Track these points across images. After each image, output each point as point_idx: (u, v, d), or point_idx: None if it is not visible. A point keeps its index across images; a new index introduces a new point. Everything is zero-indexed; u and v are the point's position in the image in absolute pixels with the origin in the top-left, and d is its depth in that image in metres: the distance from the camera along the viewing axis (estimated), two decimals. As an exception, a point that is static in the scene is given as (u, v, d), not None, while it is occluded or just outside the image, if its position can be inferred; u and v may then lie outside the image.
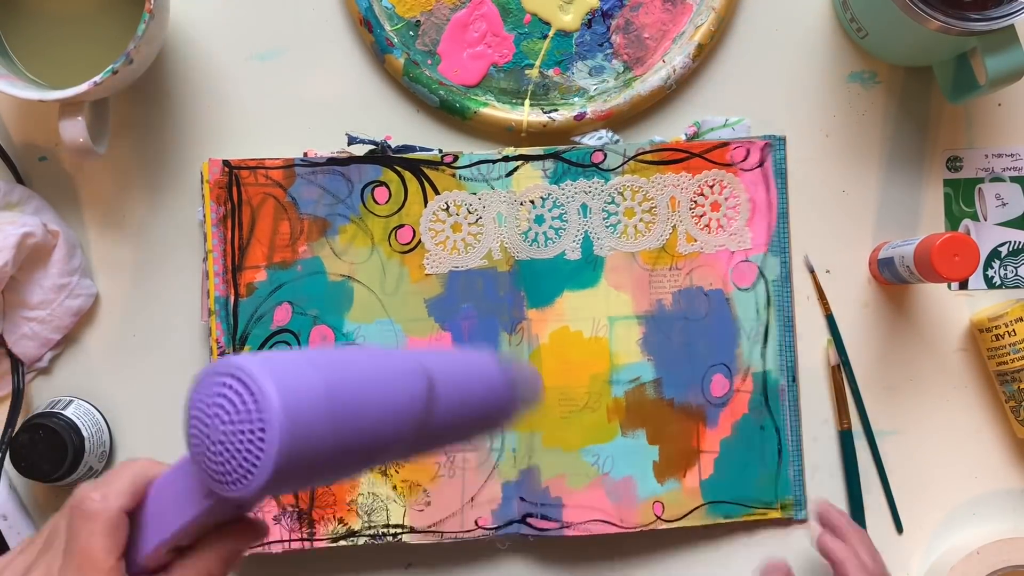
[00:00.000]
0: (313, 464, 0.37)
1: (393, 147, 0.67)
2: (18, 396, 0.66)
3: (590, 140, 0.67)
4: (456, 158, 0.67)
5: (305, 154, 0.67)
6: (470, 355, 0.47)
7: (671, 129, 0.69)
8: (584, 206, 0.67)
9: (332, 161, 0.66)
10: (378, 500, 0.66)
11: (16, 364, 0.66)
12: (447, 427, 0.43)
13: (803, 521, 0.68)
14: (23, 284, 0.65)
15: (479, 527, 0.66)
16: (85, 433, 0.64)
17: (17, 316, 0.66)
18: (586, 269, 0.67)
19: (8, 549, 0.66)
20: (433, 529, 0.66)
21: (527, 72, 0.68)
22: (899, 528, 0.69)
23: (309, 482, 0.39)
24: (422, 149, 0.67)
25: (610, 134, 0.68)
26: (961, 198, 0.70)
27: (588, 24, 0.68)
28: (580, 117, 0.68)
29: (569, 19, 0.68)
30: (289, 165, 0.66)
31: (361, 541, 0.66)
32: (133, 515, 0.41)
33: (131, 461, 0.43)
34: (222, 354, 0.66)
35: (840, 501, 0.69)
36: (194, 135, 0.69)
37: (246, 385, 0.36)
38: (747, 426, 0.67)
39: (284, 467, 0.35)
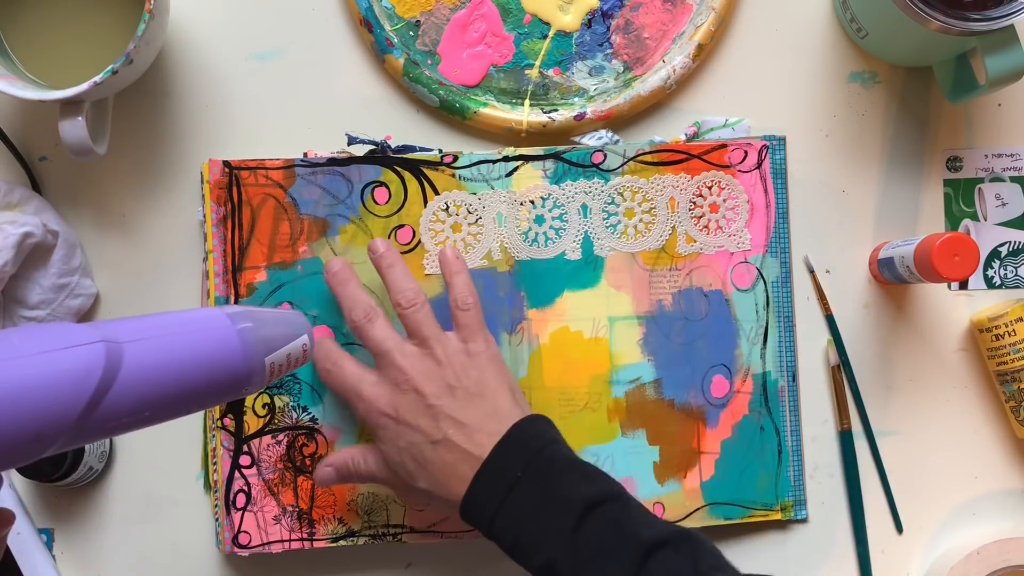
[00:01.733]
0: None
1: (393, 147, 0.67)
2: None
3: (590, 140, 0.67)
4: (456, 158, 0.67)
5: (305, 154, 0.67)
6: (197, 315, 0.44)
7: (671, 129, 0.69)
8: (584, 206, 0.67)
9: (332, 161, 0.66)
10: (378, 500, 0.66)
11: None
12: (138, 408, 0.40)
13: (803, 521, 0.68)
14: (22, 284, 0.65)
15: (479, 527, 0.66)
16: (85, 433, 0.64)
17: (16, 316, 0.66)
18: (586, 269, 0.67)
19: (8, 550, 0.66)
20: (433, 529, 0.66)
21: (527, 72, 0.68)
22: (899, 528, 0.69)
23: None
24: (422, 149, 0.67)
25: (610, 134, 0.68)
26: (961, 198, 0.70)
27: (588, 24, 0.68)
28: (580, 117, 0.68)
29: (569, 19, 0.68)
30: (289, 165, 0.66)
31: (361, 541, 0.66)
32: None
33: None
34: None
35: (840, 501, 0.69)
36: (194, 135, 0.69)
37: None
38: (747, 427, 0.67)
39: None
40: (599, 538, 0.53)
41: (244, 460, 0.66)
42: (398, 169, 0.67)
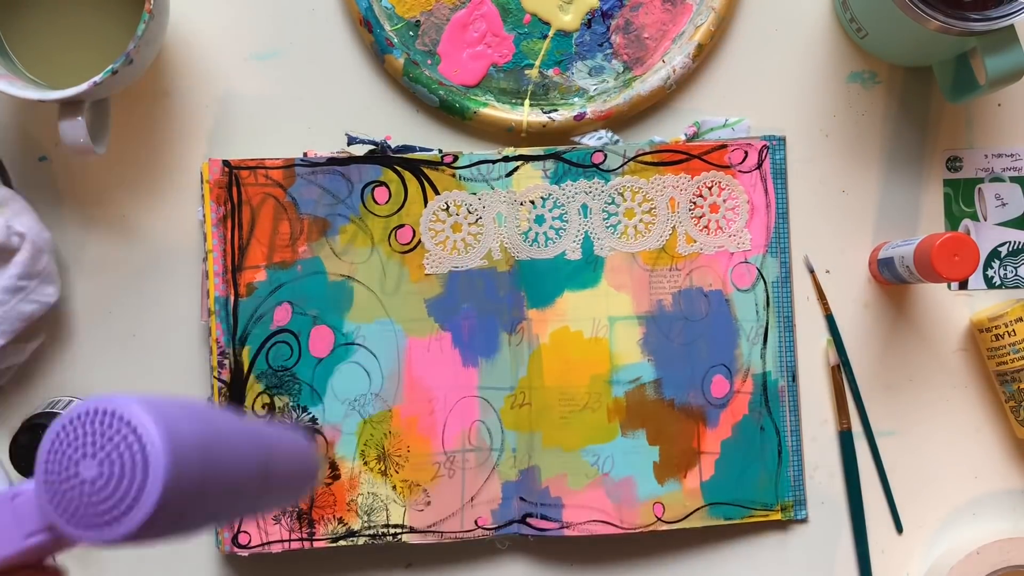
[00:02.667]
0: (176, 516, 0.36)
1: (393, 147, 0.67)
2: None
3: (590, 140, 0.68)
4: (456, 158, 0.67)
5: (305, 154, 0.67)
6: (287, 430, 0.50)
7: (671, 129, 0.69)
8: (584, 206, 0.67)
9: (332, 161, 0.66)
10: (378, 500, 0.66)
11: None
12: (274, 492, 0.44)
13: (803, 521, 0.68)
14: None
15: (479, 527, 0.66)
16: (85, 433, 0.64)
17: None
18: (586, 269, 0.67)
19: None
20: (433, 529, 0.66)
21: (527, 72, 0.68)
22: (899, 528, 0.69)
23: (164, 533, 0.38)
24: (422, 149, 0.67)
25: (610, 134, 0.68)
26: (961, 198, 0.70)
27: (588, 24, 0.68)
28: (580, 117, 0.68)
29: (569, 19, 0.68)
30: (289, 165, 0.66)
31: (361, 541, 0.66)
32: None
33: None
34: (222, 354, 0.66)
35: (840, 501, 0.69)
36: (194, 135, 0.69)
37: (134, 429, 0.35)
38: (747, 427, 0.67)
39: (155, 517, 0.35)
40: None
41: (244, 460, 0.66)
42: (398, 169, 0.67)
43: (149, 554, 0.68)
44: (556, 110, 0.68)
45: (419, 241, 0.67)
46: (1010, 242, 0.69)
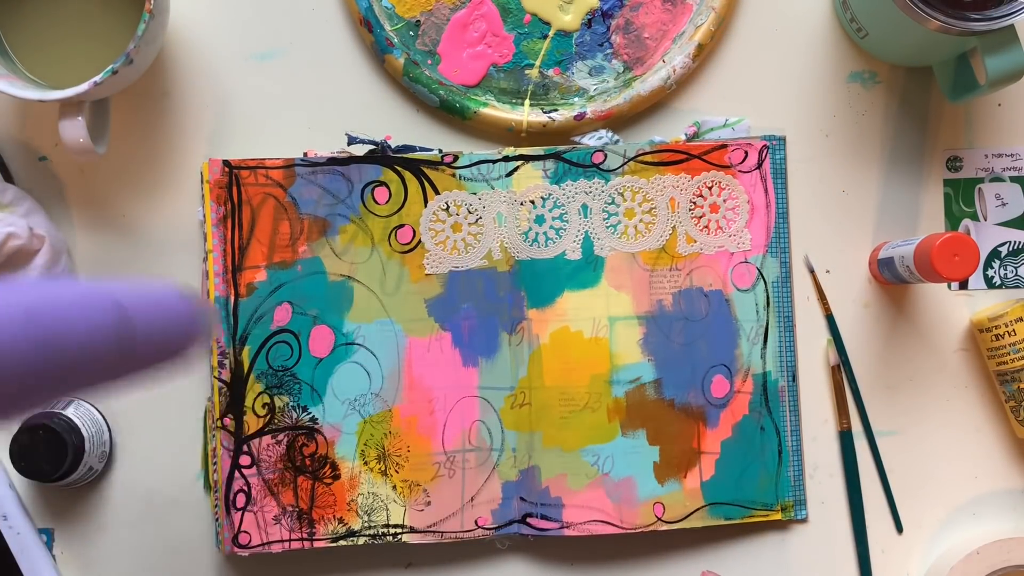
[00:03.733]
0: (12, 386, 0.37)
1: (393, 147, 0.67)
2: None
3: (590, 140, 0.68)
4: (456, 158, 0.67)
5: (305, 154, 0.67)
6: (157, 287, 0.49)
7: (671, 129, 0.69)
8: (584, 206, 0.67)
9: (332, 161, 0.66)
10: (378, 500, 0.66)
11: None
12: (142, 355, 0.45)
13: (803, 521, 0.68)
14: None
15: (479, 527, 0.66)
16: (85, 433, 0.64)
17: None
18: (586, 269, 0.67)
19: (8, 549, 0.66)
20: (433, 529, 0.66)
21: (527, 72, 0.68)
22: (899, 528, 0.69)
23: (15, 407, 0.39)
24: (422, 149, 0.67)
25: (610, 134, 0.68)
26: (961, 198, 0.70)
27: (588, 24, 0.68)
28: (580, 117, 0.68)
29: (569, 19, 0.68)
30: (289, 165, 0.66)
31: (361, 541, 0.66)
32: None
33: None
34: (222, 354, 0.66)
35: (840, 501, 0.69)
36: (194, 135, 0.69)
37: None
38: (748, 427, 0.67)
39: None
40: None
41: (244, 460, 0.66)
42: (398, 169, 0.67)
43: (149, 554, 0.68)
44: (556, 110, 0.68)
45: (419, 241, 0.67)
46: (1010, 242, 0.69)
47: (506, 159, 0.67)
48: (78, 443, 0.64)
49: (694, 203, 0.67)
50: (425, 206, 0.67)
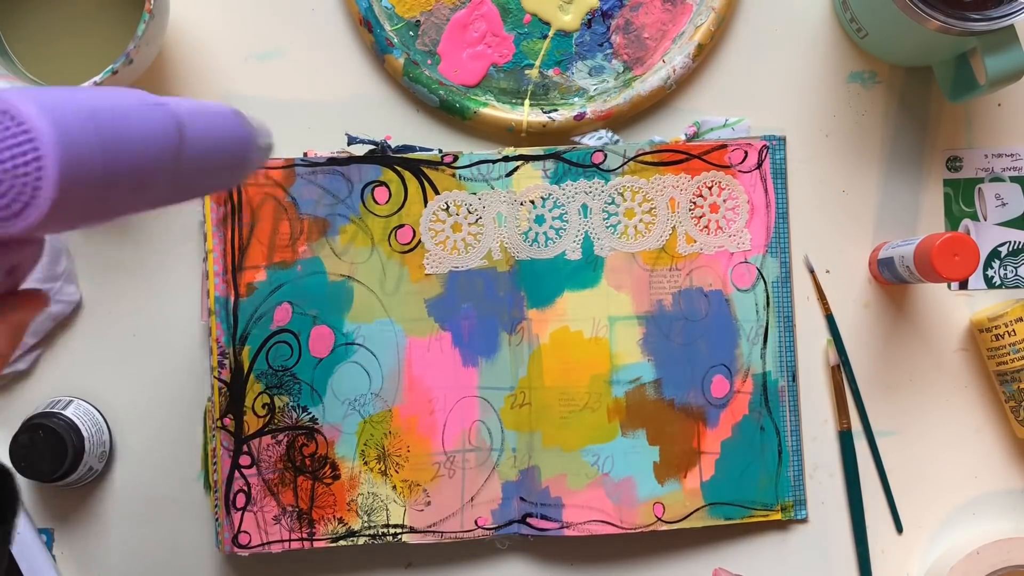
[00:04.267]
0: (85, 192, 0.37)
1: (393, 147, 0.67)
2: None
3: (590, 140, 0.68)
4: (456, 158, 0.67)
5: (305, 154, 0.67)
6: (211, 104, 0.49)
7: (671, 129, 0.69)
8: (584, 206, 0.67)
9: (332, 161, 0.66)
10: (378, 500, 0.66)
11: None
12: (197, 168, 0.45)
13: (803, 521, 0.68)
14: None
15: (479, 527, 0.66)
16: (85, 433, 0.64)
17: None
18: (586, 269, 0.67)
19: (9, 549, 0.66)
20: (433, 529, 0.66)
21: (527, 72, 0.68)
22: (899, 528, 0.69)
23: (83, 214, 0.39)
24: (422, 149, 0.67)
25: (610, 134, 0.68)
26: (961, 198, 0.70)
27: (588, 24, 0.68)
28: (580, 117, 0.68)
29: (569, 19, 0.68)
30: (289, 165, 0.66)
31: (361, 541, 0.66)
32: None
33: None
34: (222, 354, 0.66)
35: (840, 501, 0.69)
36: (194, 135, 0.69)
37: (13, 117, 0.36)
38: (748, 427, 0.67)
39: (61, 194, 0.36)
40: None
41: (244, 460, 0.66)
42: (398, 169, 0.67)
43: (149, 554, 0.68)
44: (556, 110, 0.68)
45: (419, 241, 0.67)
46: (1010, 242, 0.69)
47: (506, 159, 0.67)
48: (78, 443, 0.64)
49: (694, 203, 0.67)
50: (425, 206, 0.67)
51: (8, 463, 0.65)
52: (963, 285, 0.69)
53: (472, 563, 0.68)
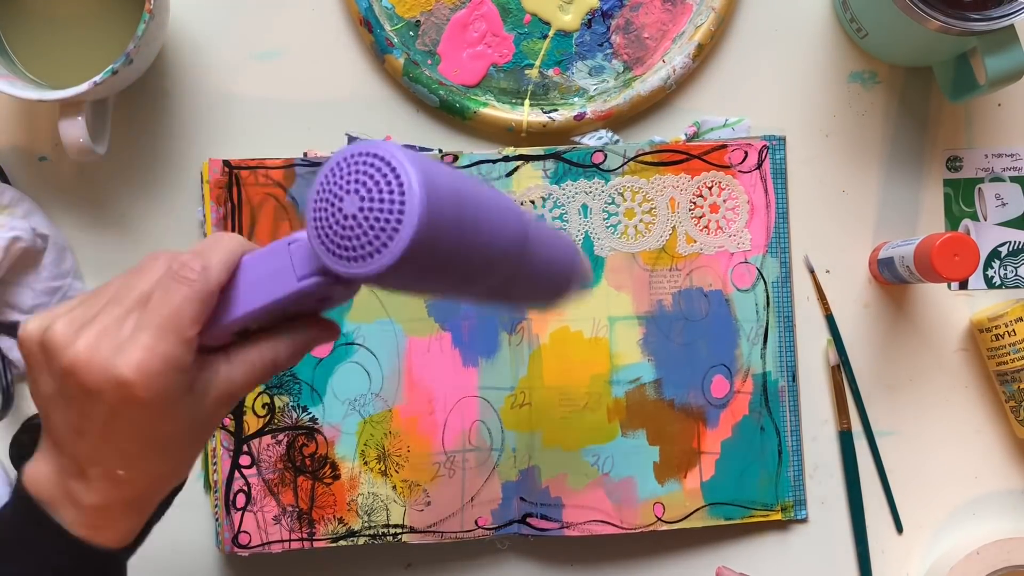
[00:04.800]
0: (432, 259, 0.39)
1: (393, 147, 0.67)
2: (9, 398, 0.65)
3: (590, 140, 0.68)
4: (456, 158, 0.67)
5: (305, 154, 0.67)
6: (550, 226, 0.52)
7: (671, 129, 0.69)
8: (584, 206, 0.67)
9: (332, 161, 0.66)
10: (378, 500, 0.66)
11: (3, 368, 0.66)
12: (529, 277, 0.46)
13: (803, 521, 0.68)
14: (14, 289, 0.65)
15: (479, 527, 0.66)
16: (85, 433, 0.64)
17: (11, 320, 0.66)
18: (586, 269, 0.67)
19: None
20: (433, 529, 0.66)
21: (527, 72, 0.68)
22: (899, 528, 0.69)
23: (421, 279, 0.40)
24: (422, 149, 0.67)
25: (610, 134, 0.68)
26: (961, 198, 0.70)
27: (588, 24, 0.68)
28: (580, 117, 0.68)
29: (569, 19, 0.68)
30: (289, 165, 0.66)
31: (361, 541, 0.66)
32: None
33: (222, 235, 0.44)
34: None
35: (840, 501, 0.69)
36: (194, 135, 0.69)
37: (393, 168, 0.37)
38: (748, 427, 0.67)
39: (412, 252, 0.37)
40: None
41: (244, 460, 0.66)
42: (398, 169, 0.67)
43: (149, 554, 0.68)
44: (556, 110, 0.68)
45: (419, 241, 0.67)
46: (1010, 242, 0.69)
47: (506, 159, 0.67)
48: (78, 443, 0.64)
49: (694, 203, 0.67)
50: (425, 206, 0.67)
51: (7, 463, 0.65)
52: (963, 285, 0.69)
53: (472, 563, 0.68)
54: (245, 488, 0.66)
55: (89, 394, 0.41)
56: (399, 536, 0.66)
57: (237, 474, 0.66)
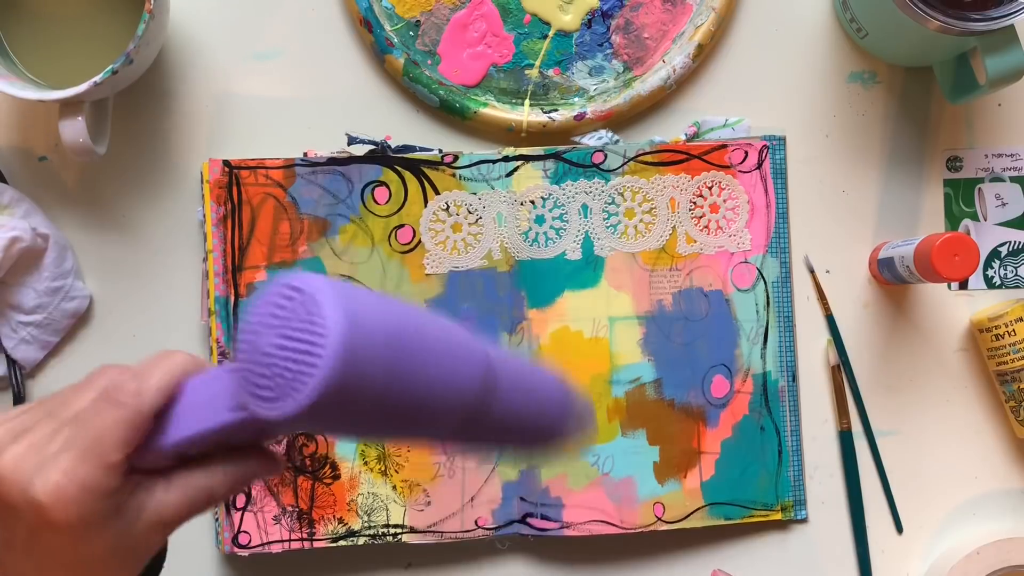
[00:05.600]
0: (355, 405, 0.35)
1: (393, 147, 0.67)
2: (19, 400, 0.66)
3: (590, 140, 0.68)
4: (456, 158, 0.67)
5: (305, 154, 0.67)
6: (534, 365, 0.47)
7: (671, 129, 0.69)
8: (584, 206, 0.67)
9: (332, 161, 0.66)
10: (378, 500, 0.66)
11: (13, 368, 0.66)
12: (497, 425, 0.42)
13: (803, 521, 0.68)
14: (16, 289, 0.65)
15: (479, 527, 0.66)
16: (85, 433, 0.64)
17: (13, 321, 0.66)
18: (586, 269, 0.67)
19: None
20: (433, 529, 0.66)
21: (527, 72, 0.68)
22: (899, 528, 0.69)
23: (345, 426, 0.37)
24: (422, 149, 0.67)
25: (610, 134, 0.68)
26: (961, 198, 0.70)
27: (588, 24, 0.68)
28: (580, 117, 0.68)
29: (569, 19, 0.68)
30: (289, 165, 0.66)
31: (361, 541, 0.66)
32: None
33: (170, 353, 0.41)
34: (222, 354, 0.66)
35: (840, 501, 0.69)
36: (194, 135, 0.69)
37: (316, 304, 0.34)
38: (748, 427, 0.67)
39: (329, 394, 0.34)
40: None
41: (244, 460, 0.66)
42: (398, 169, 0.67)
43: (149, 554, 0.68)
44: (556, 110, 0.68)
45: (419, 241, 0.67)
46: (1010, 242, 0.69)
47: (506, 159, 0.67)
48: (78, 443, 0.64)
49: (694, 203, 0.67)
50: (425, 206, 0.67)
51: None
52: (963, 285, 0.69)
53: (472, 563, 0.68)
54: (245, 488, 0.66)
55: (10, 509, 0.39)
56: (399, 536, 0.66)
57: (237, 474, 0.65)
